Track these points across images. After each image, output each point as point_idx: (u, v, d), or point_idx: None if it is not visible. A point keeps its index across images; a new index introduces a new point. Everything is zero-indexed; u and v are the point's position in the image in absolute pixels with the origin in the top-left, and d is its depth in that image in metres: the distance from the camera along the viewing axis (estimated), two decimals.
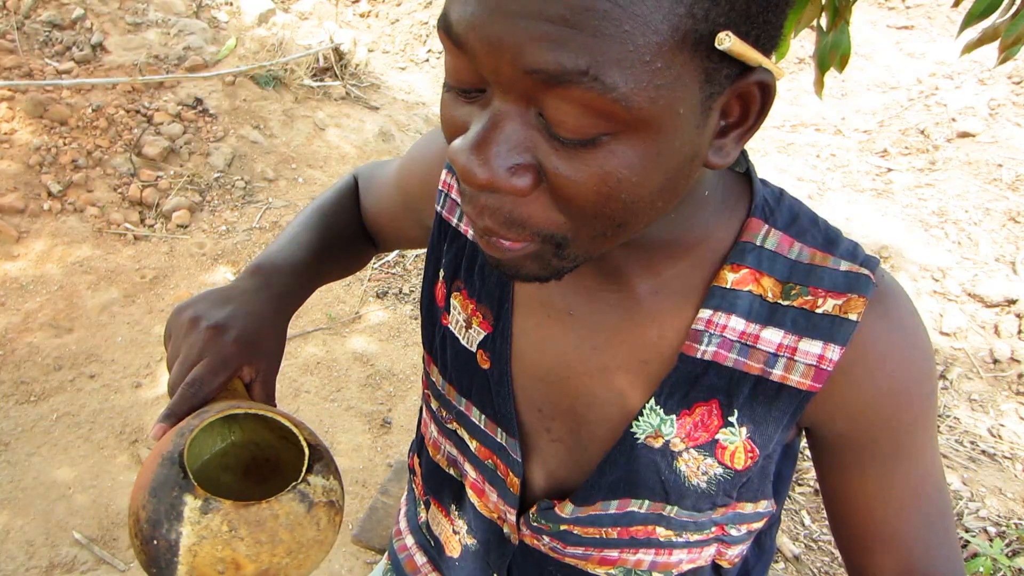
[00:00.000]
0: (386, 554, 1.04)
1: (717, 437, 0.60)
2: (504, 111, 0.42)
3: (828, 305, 0.56)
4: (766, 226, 0.57)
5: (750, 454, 0.60)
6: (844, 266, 0.56)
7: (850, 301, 0.55)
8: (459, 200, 0.69)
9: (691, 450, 0.61)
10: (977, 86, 4.69)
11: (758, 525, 0.68)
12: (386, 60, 4.71)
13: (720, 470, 0.61)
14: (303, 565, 0.55)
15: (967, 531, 2.17)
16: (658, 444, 0.61)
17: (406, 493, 1.02)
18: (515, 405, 0.68)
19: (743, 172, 0.60)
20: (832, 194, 4.03)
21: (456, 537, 0.84)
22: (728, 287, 0.57)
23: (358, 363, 2.56)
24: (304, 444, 0.58)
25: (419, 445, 0.88)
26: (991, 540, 2.14)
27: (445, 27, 0.42)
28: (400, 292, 2.98)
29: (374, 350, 2.62)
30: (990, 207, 3.75)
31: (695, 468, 0.61)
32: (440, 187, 0.73)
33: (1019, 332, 3.01)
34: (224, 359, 0.66)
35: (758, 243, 0.57)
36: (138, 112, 3.31)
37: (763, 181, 0.60)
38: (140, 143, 3.20)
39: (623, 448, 0.62)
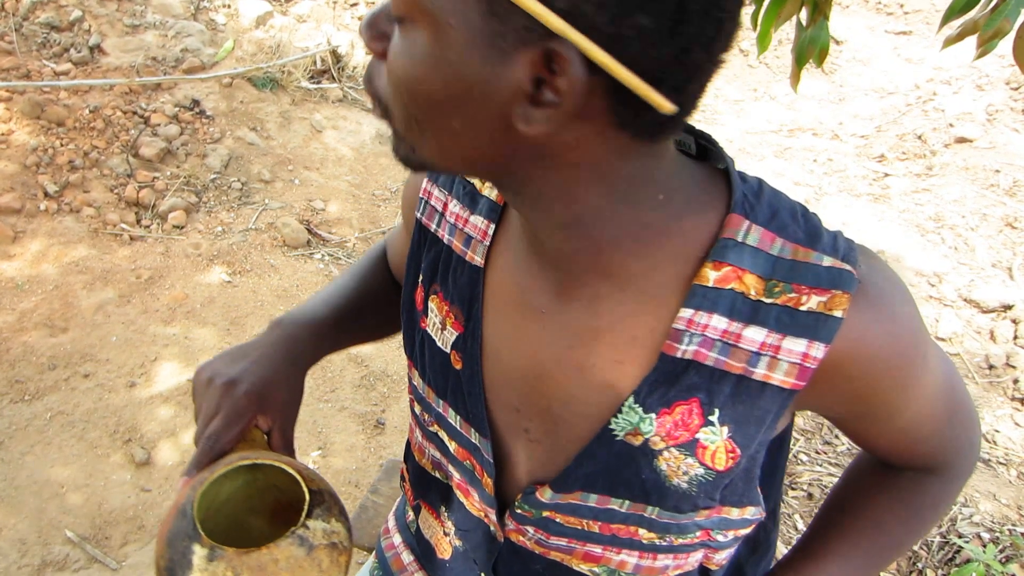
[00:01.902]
0: (373, 552, 1.04)
1: (698, 436, 0.59)
2: None
3: (812, 302, 0.55)
4: (747, 222, 0.56)
5: (731, 454, 0.60)
6: (827, 261, 0.56)
7: (834, 298, 0.55)
8: (437, 207, 0.73)
9: (671, 449, 0.60)
10: (975, 92, 4.70)
11: (746, 531, 0.68)
12: None
13: (701, 470, 0.61)
14: None
15: (960, 536, 2.17)
16: (637, 442, 0.61)
17: (401, 495, 1.02)
18: (490, 405, 0.69)
19: (722, 168, 0.59)
20: (829, 199, 4.03)
21: (447, 539, 0.84)
22: (710, 285, 0.56)
23: (352, 364, 2.56)
24: (304, 489, 0.63)
25: (406, 450, 0.89)
26: (984, 546, 2.14)
27: None
28: None
29: (368, 351, 2.62)
30: (987, 213, 3.75)
31: (676, 468, 0.61)
32: (420, 195, 0.75)
33: (1015, 337, 3.02)
34: (237, 412, 0.71)
35: (739, 239, 0.56)
36: (135, 113, 3.31)
37: (741, 175, 0.60)
38: (137, 144, 3.21)
39: (601, 442, 0.62)
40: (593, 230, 0.55)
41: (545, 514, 0.69)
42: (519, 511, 0.70)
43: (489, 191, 0.69)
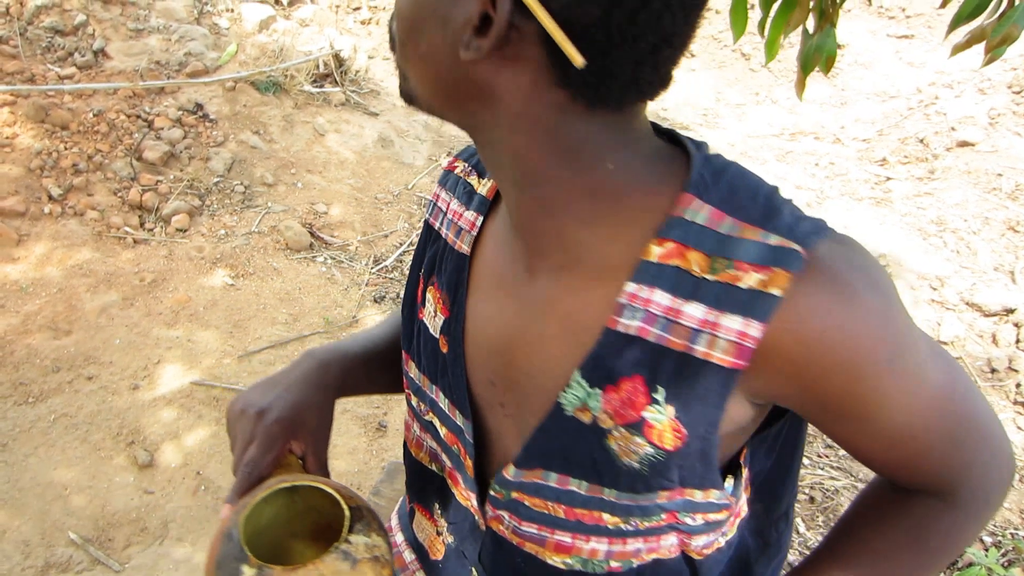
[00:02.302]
0: None
1: (644, 415, 0.59)
2: None
3: (752, 279, 0.54)
4: (698, 201, 0.56)
5: (678, 434, 0.59)
6: (774, 240, 0.54)
7: (774, 276, 0.53)
8: (442, 207, 0.77)
9: (620, 428, 0.61)
10: (977, 95, 4.70)
11: (717, 516, 0.68)
12: (386, 67, 4.73)
13: (651, 450, 0.61)
14: None
15: None
16: (587, 420, 0.62)
17: (403, 496, 1.04)
18: (472, 383, 0.71)
19: (685, 149, 0.61)
20: (830, 202, 4.03)
21: (440, 539, 0.86)
22: (654, 261, 0.57)
23: None
24: (344, 506, 0.66)
25: (404, 449, 0.90)
26: (987, 550, 2.14)
27: None
28: (397, 297, 2.99)
29: None
30: (989, 216, 3.75)
31: (625, 447, 0.61)
32: (432, 198, 0.79)
33: (1017, 341, 3.01)
34: (271, 438, 0.74)
35: (687, 217, 0.56)
36: (139, 117, 3.33)
37: (709, 157, 0.60)
38: (141, 148, 3.22)
39: (554, 419, 0.63)
40: (541, 191, 0.58)
41: (514, 495, 0.69)
42: (492, 493, 0.72)
43: (483, 189, 0.73)
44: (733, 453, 0.69)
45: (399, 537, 0.99)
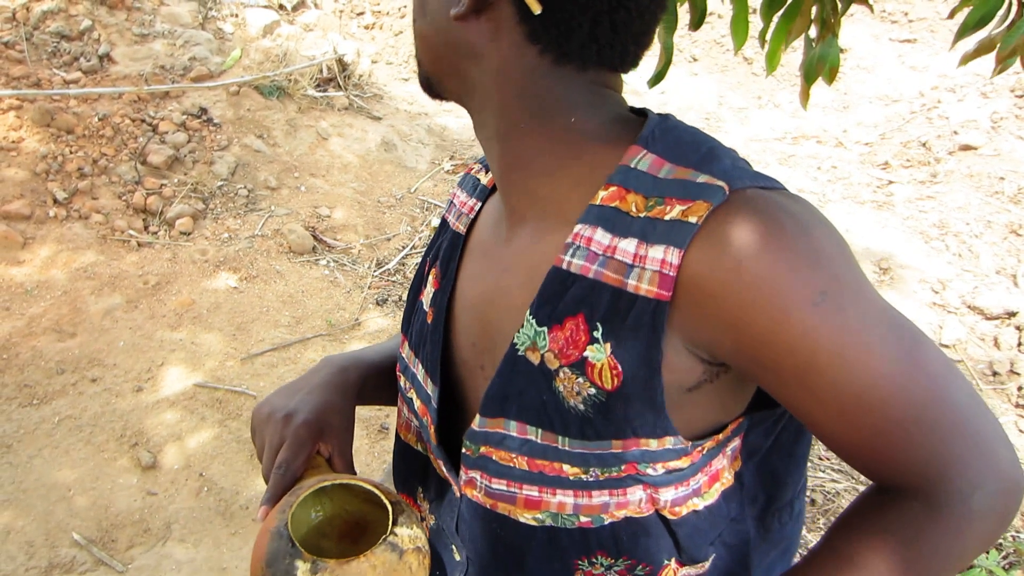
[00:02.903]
0: None
1: (585, 354, 0.61)
2: None
3: (675, 211, 0.57)
4: (644, 151, 0.61)
5: (615, 372, 0.60)
6: (702, 179, 0.57)
7: (693, 206, 0.56)
8: (456, 203, 0.81)
9: (565, 369, 0.63)
10: (980, 99, 4.71)
11: (678, 463, 0.66)
12: (389, 71, 4.75)
13: (593, 390, 0.62)
14: None
15: None
16: (536, 360, 0.64)
17: None
18: (456, 347, 0.75)
19: (643, 114, 0.66)
20: (833, 205, 4.04)
21: (424, 524, 0.87)
22: (598, 203, 0.61)
23: None
24: (387, 502, 0.69)
25: (395, 437, 0.92)
26: (987, 553, 2.14)
27: None
28: (400, 300, 3.00)
29: None
30: (991, 220, 3.75)
31: (571, 388, 0.63)
32: (450, 197, 0.84)
33: (1019, 344, 3.01)
34: (300, 441, 0.77)
35: (632, 165, 0.61)
36: (143, 121, 3.35)
37: (666, 117, 0.65)
38: (145, 152, 3.24)
39: (509, 360, 0.66)
40: (517, 144, 0.65)
41: (482, 450, 0.71)
42: (464, 451, 0.73)
43: (485, 179, 0.80)
44: (711, 418, 0.67)
45: None
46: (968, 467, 0.59)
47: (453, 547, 0.83)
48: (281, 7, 4.56)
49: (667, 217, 0.57)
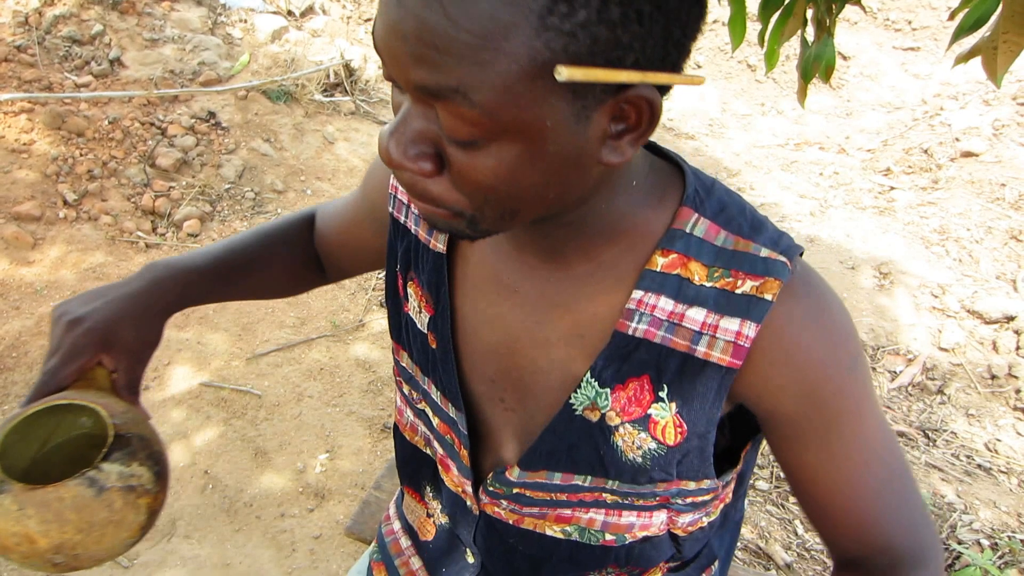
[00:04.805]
0: (375, 537, 1.09)
1: (649, 412, 0.64)
2: (412, 109, 0.51)
3: (747, 286, 0.60)
4: (696, 214, 0.62)
5: (679, 429, 0.65)
6: (764, 252, 0.61)
7: (766, 283, 0.60)
8: (403, 199, 0.78)
9: (626, 424, 0.65)
10: (982, 106, 4.72)
11: (703, 499, 0.72)
12: None
13: (654, 444, 0.66)
14: (101, 542, 0.62)
15: (960, 543, 2.19)
16: (595, 418, 0.66)
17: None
18: (469, 378, 0.74)
19: (675, 163, 0.66)
20: (834, 211, 4.06)
21: (431, 520, 0.89)
22: (658, 270, 0.62)
23: (360, 369, 2.61)
24: (110, 431, 0.65)
25: (395, 432, 0.92)
26: (983, 552, 2.15)
27: (373, 34, 0.51)
28: None
29: (376, 357, 2.67)
30: (992, 226, 3.77)
31: (631, 443, 0.66)
32: (390, 190, 0.80)
33: (1017, 348, 3.03)
34: (76, 350, 0.73)
35: (688, 230, 0.62)
36: (153, 125, 3.40)
37: (696, 172, 0.65)
38: (154, 155, 3.29)
39: (563, 418, 0.67)
40: (588, 225, 0.61)
41: (516, 490, 0.73)
42: (491, 488, 0.75)
43: None
44: (722, 443, 0.74)
45: (396, 524, 1.01)
46: (927, 536, 0.69)
47: (467, 551, 0.84)
48: (289, 13, 4.61)
49: (739, 291, 0.60)
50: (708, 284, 0.61)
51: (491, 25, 0.44)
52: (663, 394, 0.64)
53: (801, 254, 0.63)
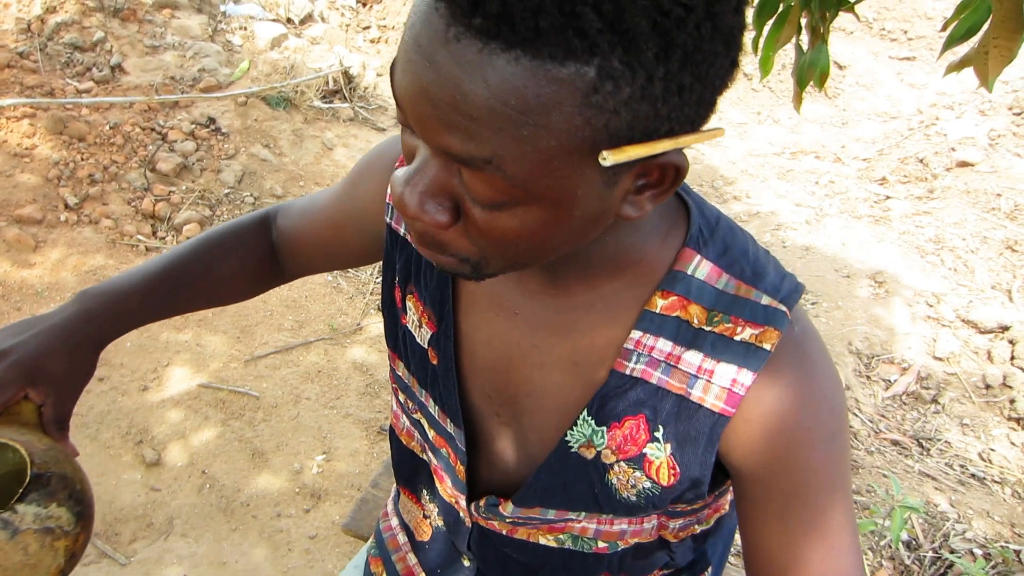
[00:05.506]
0: (373, 533, 1.10)
1: (644, 451, 0.65)
2: (432, 162, 0.49)
3: (746, 334, 0.60)
4: (698, 256, 0.62)
5: (673, 471, 0.64)
6: (765, 300, 0.61)
7: (766, 332, 0.60)
8: None
9: (621, 463, 0.65)
10: (978, 117, 4.76)
11: (694, 507, 0.73)
12: None
13: (648, 484, 0.66)
14: None
15: (952, 552, 2.20)
16: (590, 455, 0.66)
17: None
18: (465, 393, 0.73)
19: (680, 197, 0.65)
20: (829, 219, 4.09)
21: (427, 521, 0.89)
22: (657, 311, 0.62)
23: (358, 372, 2.63)
24: (29, 472, 0.63)
25: (391, 435, 0.92)
26: (976, 561, 2.16)
27: (391, 74, 0.50)
28: None
29: (374, 360, 2.69)
30: (988, 236, 3.79)
31: (625, 481, 0.66)
32: (388, 200, 0.78)
33: (1012, 358, 3.05)
34: (0, 384, 0.71)
35: (689, 272, 0.62)
36: (153, 130, 3.42)
37: (701, 206, 0.65)
38: (154, 159, 3.31)
39: (558, 455, 0.67)
40: (592, 257, 0.61)
41: (509, 520, 0.74)
42: (484, 515, 0.75)
43: None
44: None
45: (394, 521, 1.01)
46: None
47: (463, 556, 0.85)
48: (289, 21, 4.64)
49: (738, 338, 0.60)
50: (707, 328, 0.61)
51: (534, 101, 0.43)
52: (659, 434, 0.64)
53: (801, 295, 0.63)
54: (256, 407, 2.42)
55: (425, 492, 0.87)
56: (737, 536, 0.79)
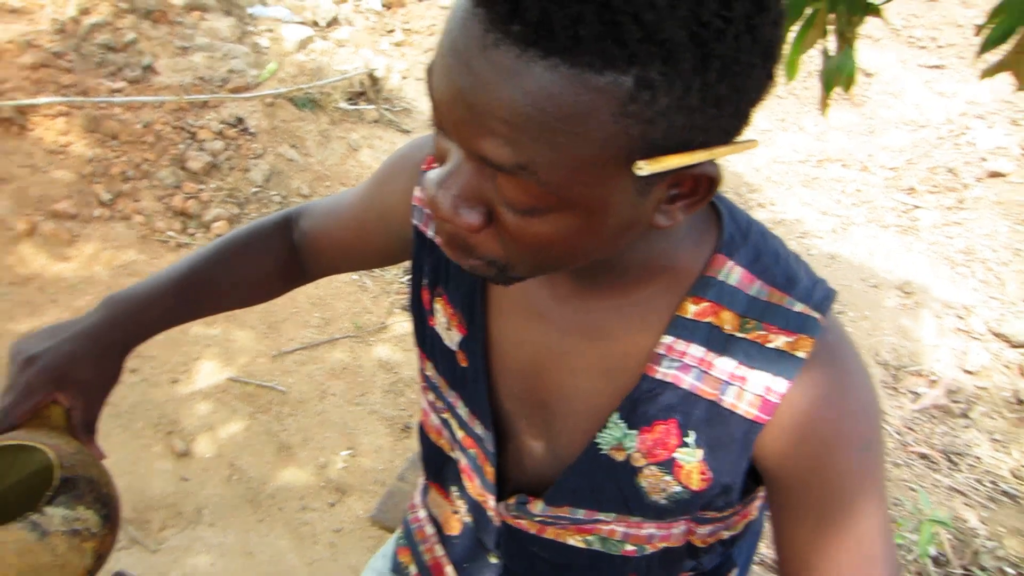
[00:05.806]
0: (402, 523, 1.11)
1: (675, 456, 0.64)
2: (466, 166, 0.50)
3: (779, 341, 0.59)
4: (730, 262, 0.61)
5: (704, 476, 0.64)
6: (798, 307, 0.60)
7: (799, 340, 0.59)
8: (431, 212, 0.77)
9: (651, 467, 0.65)
10: (1009, 126, 4.70)
11: (726, 514, 0.73)
12: (418, 87, 4.85)
13: (678, 488, 0.65)
14: None
15: (983, 569, 2.16)
16: (620, 458, 0.66)
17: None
18: (495, 395, 0.73)
19: (712, 203, 0.65)
20: (856, 229, 4.05)
21: (456, 516, 0.88)
22: (689, 317, 0.61)
23: (383, 370, 2.64)
24: (57, 475, 0.64)
25: (420, 431, 0.92)
26: (982, 570, 2.13)
27: (428, 76, 0.50)
28: None
29: (398, 359, 2.70)
30: (1020, 248, 3.73)
31: (655, 484, 0.66)
32: (414, 202, 0.78)
33: None
34: (28, 389, 0.73)
35: (720, 278, 0.61)
36: (183, 129, 3.47)
37: (732, 211, 0.65)
38: (184, 158, 3.36)
39: (587, 457, 0.67)
40: (623, 263, 0.61)
41: (538, 519, 0.75)
42: (513, 514, 0.75)
43: None
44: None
45: (422, 513, 1.01)
46: None
47: (491, 553, 0.85)
48: (315, 24, 4.69)
49: (771, 345, 0.59)
50: (739, 334, 0.61)
51: (571, 109, 0.43)
52: (689, 440, 0.63)
53: (833, 300, 0.62)
54: (283, 402, 2.44)
55: (453, 488, 0.88)
56: (760, 544, 0.78)
